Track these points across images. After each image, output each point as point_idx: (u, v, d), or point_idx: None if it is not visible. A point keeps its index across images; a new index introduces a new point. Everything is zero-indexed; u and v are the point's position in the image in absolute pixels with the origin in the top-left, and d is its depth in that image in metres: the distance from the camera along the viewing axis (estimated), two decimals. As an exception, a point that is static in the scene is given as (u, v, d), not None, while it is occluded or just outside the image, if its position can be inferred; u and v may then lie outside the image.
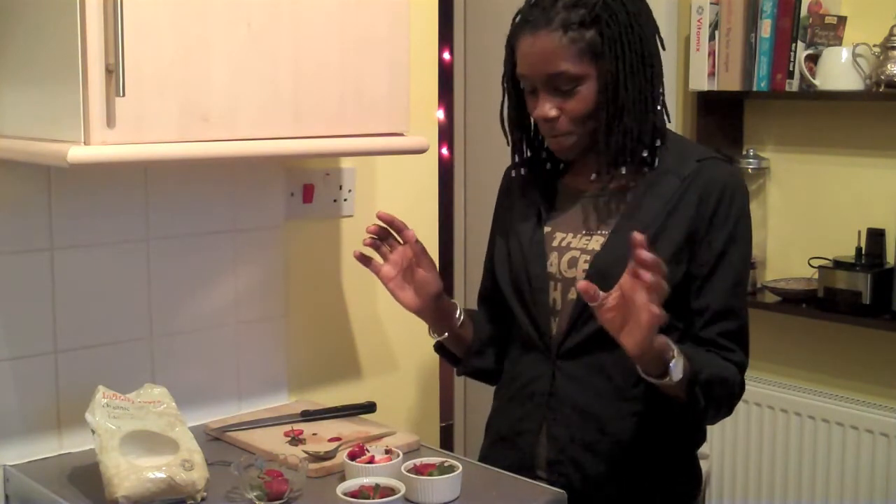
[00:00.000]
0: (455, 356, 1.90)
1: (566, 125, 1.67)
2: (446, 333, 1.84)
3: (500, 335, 1.87)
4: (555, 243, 1.75)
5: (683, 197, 1.67)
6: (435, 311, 1.81)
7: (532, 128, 1.80)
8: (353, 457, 1.64)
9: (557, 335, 1.72)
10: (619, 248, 1.66)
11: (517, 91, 1.75)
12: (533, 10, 1.66)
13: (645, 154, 1.68)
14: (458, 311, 1.84)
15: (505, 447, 1.80)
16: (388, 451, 1.67)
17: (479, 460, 1.83)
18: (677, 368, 1.54)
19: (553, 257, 1.74)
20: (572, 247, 1.73)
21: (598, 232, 1.72)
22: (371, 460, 1.64)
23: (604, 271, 1.65)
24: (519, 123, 1.79)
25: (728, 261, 1.67)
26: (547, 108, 1.67)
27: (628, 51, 1.64)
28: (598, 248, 1.69)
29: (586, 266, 1.68)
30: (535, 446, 1.74)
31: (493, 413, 1.88)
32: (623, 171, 1.69)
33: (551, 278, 1.73)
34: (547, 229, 1.77)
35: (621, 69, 1.63)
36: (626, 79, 1.63)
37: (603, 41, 1.63)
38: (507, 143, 1.82)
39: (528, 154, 1.81)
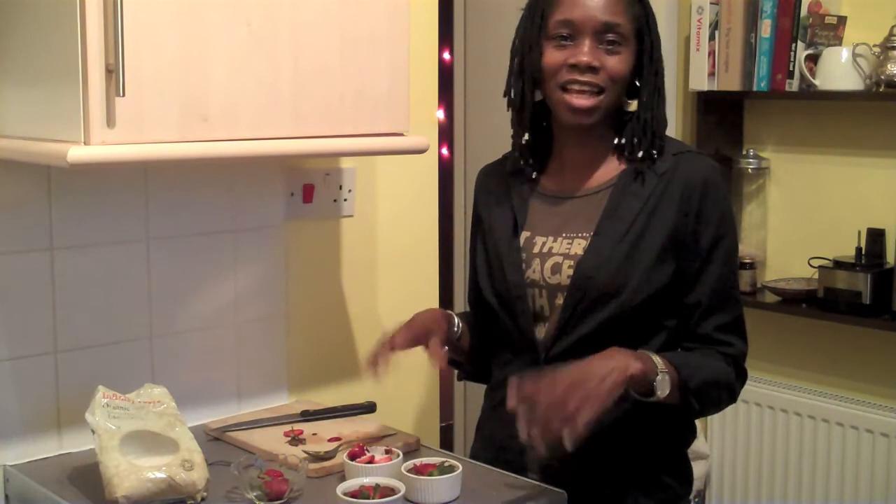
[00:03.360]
0: (457, 361, 1.90)
1: (602, 79, 1.66)
2: (445, 347, 1.83)
3: (492, 339, 1.86)
4: (535, 249, 1.74)
5: (664, 194, 1.67)
6: None
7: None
8: (353, 457, 1.64)
9: (546, 340, 1.71)
10: (602, 251, 1.66)
11: (537, 49, 1.69)
12: None
13: (649, 150, 1.69)
14: (455, 325, 1.82)
15: (495, 450, 1.79)
16: (388, 451, 1.67)
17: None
18: (663, 385, 1.57)
19: (535, 263, 1.72)
20: (554, 252, 1.72)
21: (580, 235, 1.71)
22: (371, 460, 1.64)
23: (588, 276, 1.65)
24: (529, 80, 1.71)
25: (717, 255, 1.68)
26: (591, 56, 1.65)
27: (657, 42, 1.70)
28: (580, 251, 1.69)
29: (570, 272, 1.68)
30: (524, 449, 1.74)
31: (483, 416, 1.87)
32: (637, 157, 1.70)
33: (535, 285, 1.72)
34: (526, 234, 1.76)
35: (655, 53, 1.69)
36: (657, 64, 1.69)
37: (647, 22, 1.69)
38: (513, 119, 1.76)
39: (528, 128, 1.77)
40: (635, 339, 1.66)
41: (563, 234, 1.72)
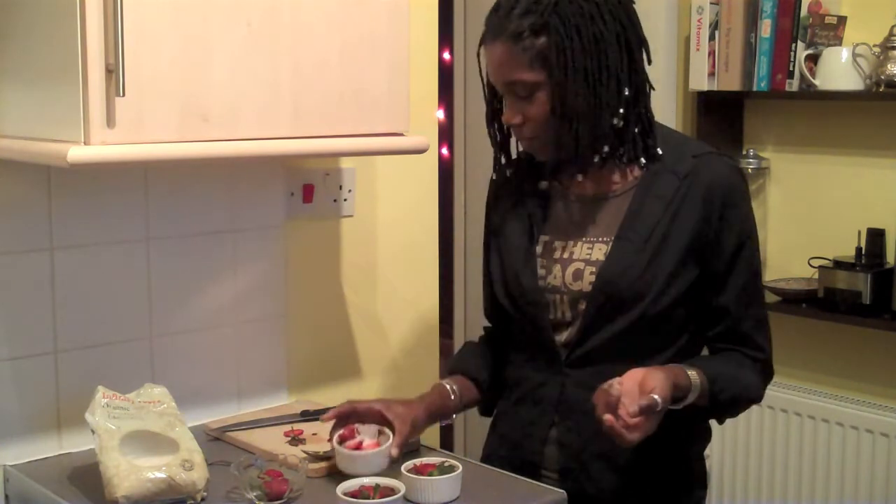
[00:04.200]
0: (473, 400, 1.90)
1: (530, 130, 1.66)
2: (454, 416, 1.84)
3: (508, 346, 1.85)
4: (556, 254, 1.72)
5: (686, 197, 1.66)
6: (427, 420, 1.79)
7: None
8: (343, 440, 1.65)
9: (567, 345, 1.71)
10: (624, 256, 1.65)
11: (493, 94, 1.75)
12: (492, 17, 1.65)
13: (601, 155, 1.66)
14: (450, 394, 1.82)
15: (511, 448, 1.79)
16: (381, 433, 1.67)
17: (483, 459, 1.83)
18: (693, 393, 1.60)
19: (556, 269, 1.71)
20: (575, 257, 1.70)
21: (600, 239, 1.70)
22: (359, 446, 1.64)
23: (610, 282, 1.65)
24: (500, 125, 1.76)
25: (742, 257, 1.68)
26: (510, 115, 1.67)
27: (579, 56, 1.58)
28: (601, 257, 1.68)
29: (592, 278, 1.67)
30: (542, 449, 1.74)
31: (498, 414, 1.87)
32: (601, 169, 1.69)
33: (556, 291, 1.71)
34: (545, 238, 1.75)
35: (570, 75, 1.59)
36: (575, 84, 1.59)
37: (551, 48, 1.59)
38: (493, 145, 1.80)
39: (516, 153, 1.80)
40: (657, 344, 1.67)
41: (584, 239, 1.71)
